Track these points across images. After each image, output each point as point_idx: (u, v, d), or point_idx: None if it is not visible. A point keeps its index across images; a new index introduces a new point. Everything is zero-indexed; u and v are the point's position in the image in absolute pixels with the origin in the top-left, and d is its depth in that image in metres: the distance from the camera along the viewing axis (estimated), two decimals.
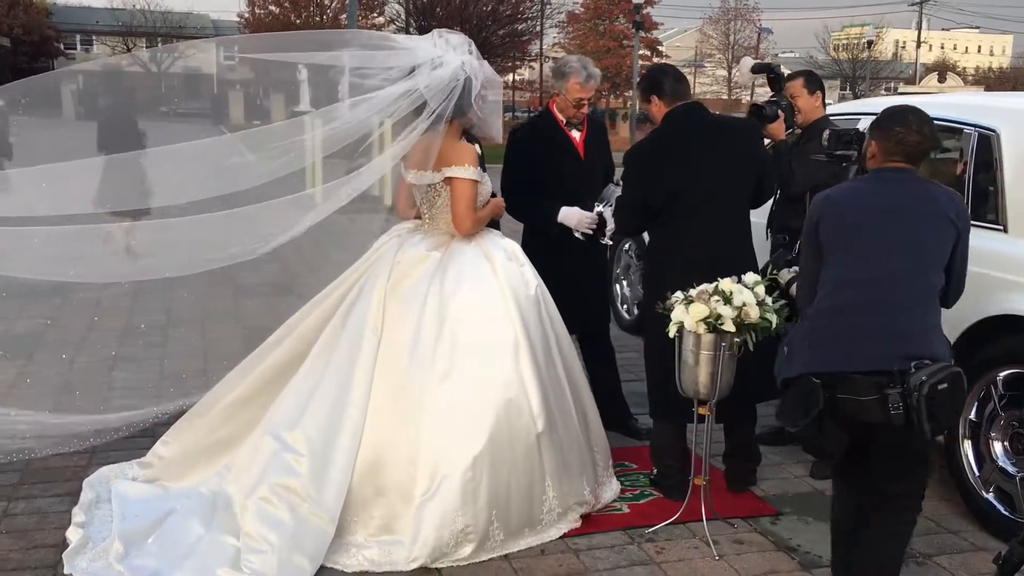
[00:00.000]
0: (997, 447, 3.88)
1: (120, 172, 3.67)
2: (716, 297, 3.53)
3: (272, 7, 44.62)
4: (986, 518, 3.88)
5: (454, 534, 3.39)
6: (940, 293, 2.99)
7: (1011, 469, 3.80)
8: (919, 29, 65.54)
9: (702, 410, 3.74)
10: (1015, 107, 4.42)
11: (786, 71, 4.75)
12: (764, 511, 4.05)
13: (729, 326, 3.50)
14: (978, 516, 3.92)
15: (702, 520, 3.76)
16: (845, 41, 66.98)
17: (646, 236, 4.73)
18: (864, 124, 4.88)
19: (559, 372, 3.77)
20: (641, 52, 41.29)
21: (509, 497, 3.50)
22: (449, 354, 3.55)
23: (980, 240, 3.85)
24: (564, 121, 4.58)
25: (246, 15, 46.17)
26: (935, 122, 4.42)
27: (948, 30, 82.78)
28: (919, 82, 54.86)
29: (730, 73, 60.84)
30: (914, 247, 2.95)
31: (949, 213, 2.99)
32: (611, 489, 4.03)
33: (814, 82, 4.54)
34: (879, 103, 5.05)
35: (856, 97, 50.97)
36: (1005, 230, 3.94)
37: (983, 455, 3.92)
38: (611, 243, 4.76)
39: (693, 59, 61.56)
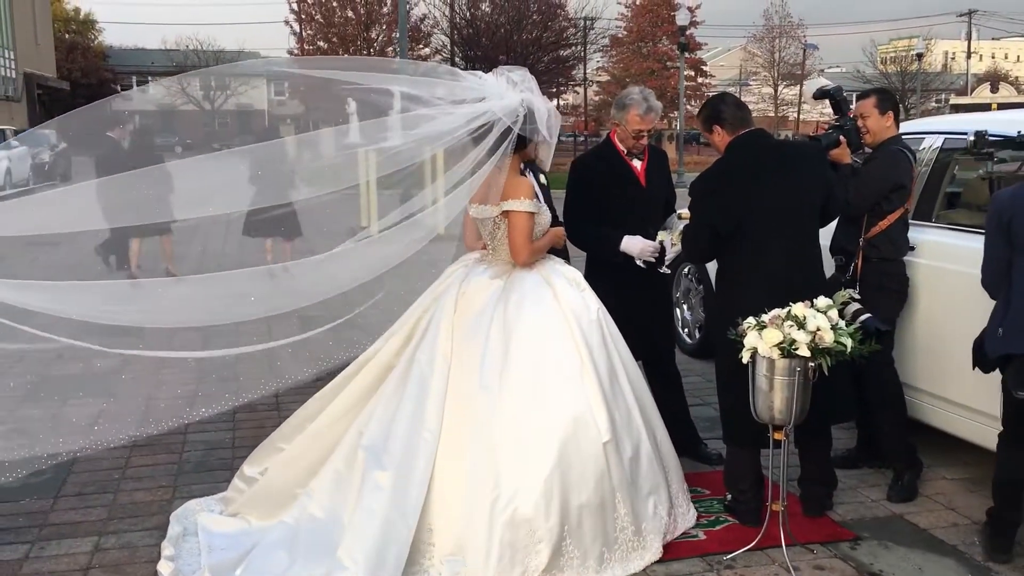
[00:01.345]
0: None
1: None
2: (789, 322, 3.54)
3: (321, 43, 45.44)
4: None
5: (527, 544, 3.46)
6: None
7: None
8: (968, 40, 64.56)
9: (778, 435, 3.74)
10: None
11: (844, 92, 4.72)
12: (843, 536, 4.02)
13: (804, 351, 3.50)
14: None
15: (781, 546, 3.74)
16: (893, 54, 66.18)
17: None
18: (930, 142, 4.86)
19: (625, 393, 3.83)
20: (686, 73, 41.27)
21: (581, 515, 3.54)
22: (515, 376, 3.65)
23: None
24: (625, 151, 4.63)
25: (295, 51, 47.09)
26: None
27: (998, 39, 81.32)
28: (971, 93, 53.98)
29: (776, 91, 60.40)
30: None
31: None
32: (688, 514, 4.04)
33: (887, 101, 4.46)
34: (944, 121, 5.04)
35: (906, 110, 50.33)
36: None
37: None
38: (669, 271, 4.79)
39: (738, 78, 61.31)
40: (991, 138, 4.16)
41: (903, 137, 4.59)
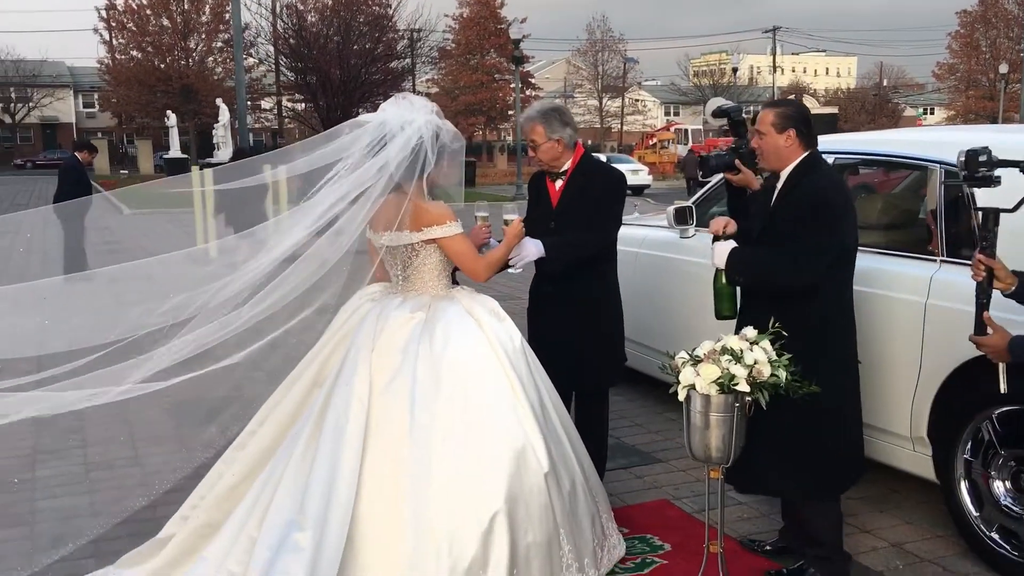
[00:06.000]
0: (998, 486, 3.86)
1: None
2: (727, 356, 3.38)
3: (134, 52, 43.07)
4: (993, 558, 3.84)
5: None
6: None
7: (1016, 508, 3.78)
8: (773, 55, 68.88)
9: (714, 474, 3.58)
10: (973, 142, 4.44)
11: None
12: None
13: (743, 386, 3.35)
14: (983, 557, 3.89)
15: None
16: (705, 68, 69.70)
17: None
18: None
19: (554, 421, 3.65)
20: (513, 85, 41.67)
21: (529, 554, 3.33)
22: (448, 412, 3.38)
23: (962, 277, 3.81)
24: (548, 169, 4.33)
25: (106, 61, 44.42)
26: (893, 160, 4.49)
27: (798, 54, 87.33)
28: None
29: (601, 103, 62.25)
30: None
31: None
32: (618, 547, 3.91)
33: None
34: (834, 141, 5.06)
35: None
36: None
37: (982, 495, 3.90)
38: (519, 271, 4.21)
39: (563, 90, 62.82)
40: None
41: None
